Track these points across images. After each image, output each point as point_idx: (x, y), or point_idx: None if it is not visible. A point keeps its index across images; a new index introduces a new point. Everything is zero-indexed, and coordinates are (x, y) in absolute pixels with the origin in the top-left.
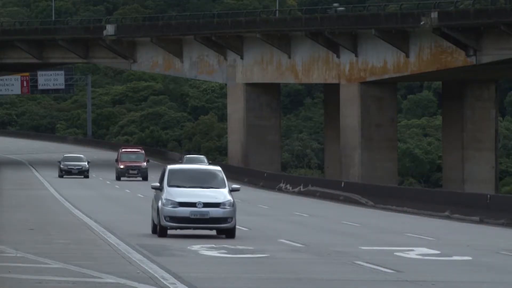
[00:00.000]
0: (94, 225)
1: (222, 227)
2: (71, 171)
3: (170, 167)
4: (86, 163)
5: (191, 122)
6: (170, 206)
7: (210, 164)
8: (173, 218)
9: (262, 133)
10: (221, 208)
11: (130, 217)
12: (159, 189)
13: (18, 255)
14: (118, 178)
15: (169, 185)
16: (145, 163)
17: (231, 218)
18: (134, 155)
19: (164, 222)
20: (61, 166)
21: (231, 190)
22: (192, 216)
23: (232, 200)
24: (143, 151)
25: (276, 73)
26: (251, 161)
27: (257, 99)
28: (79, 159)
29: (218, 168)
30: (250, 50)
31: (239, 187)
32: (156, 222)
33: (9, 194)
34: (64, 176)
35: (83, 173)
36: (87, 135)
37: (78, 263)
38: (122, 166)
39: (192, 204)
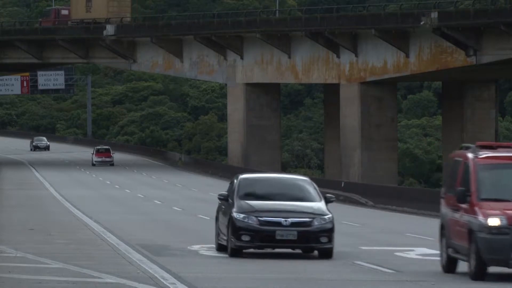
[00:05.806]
0: (94, 225)
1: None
2: None
3: None
4: None
5: (191, 122)
6: None
7: None
8: None
9: (262, 133)
10: None
11: (130, 217)
12: None
13: (18, 255)
14: None
15: None
16: None
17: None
18: None
19: None
20: None
21: None
22: None
23: None
24: None
25: (276, 73)
26: (251, 161)
27: (257, 99)
28: None
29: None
30: (250, 50)
31: None
32: None
33: (9, 194)
34: None
35: None
36: (87, 135)
37: (78, 263)
38: None
39: None
